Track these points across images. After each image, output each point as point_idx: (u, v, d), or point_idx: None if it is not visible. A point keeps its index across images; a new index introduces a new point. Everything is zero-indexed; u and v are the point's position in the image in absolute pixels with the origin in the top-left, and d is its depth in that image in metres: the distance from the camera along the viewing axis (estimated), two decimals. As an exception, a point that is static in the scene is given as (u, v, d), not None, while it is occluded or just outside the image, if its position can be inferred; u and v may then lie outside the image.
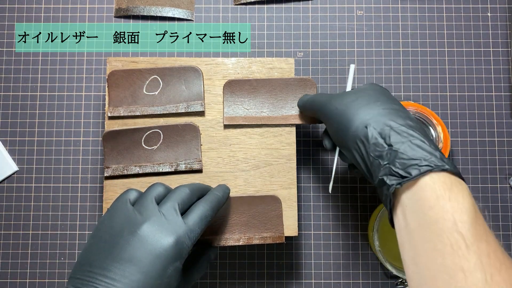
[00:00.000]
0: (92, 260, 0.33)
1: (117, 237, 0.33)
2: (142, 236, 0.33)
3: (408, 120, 0.33)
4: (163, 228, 0.34)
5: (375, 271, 0.50)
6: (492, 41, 0.53)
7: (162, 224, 0.34)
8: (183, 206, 0.36)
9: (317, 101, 0.40)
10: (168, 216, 0.34)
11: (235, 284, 0.50)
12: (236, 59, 0.46)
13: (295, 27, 0.53)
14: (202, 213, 0.36)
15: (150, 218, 0.34)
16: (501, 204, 0.51)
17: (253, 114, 0.45)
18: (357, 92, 0.37)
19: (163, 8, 0.53)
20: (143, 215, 0.34)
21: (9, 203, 0.51)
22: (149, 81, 0.46)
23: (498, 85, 0.53)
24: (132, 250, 0.32)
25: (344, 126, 0.35)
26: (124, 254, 0.32)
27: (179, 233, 0.34)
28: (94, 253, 0.33)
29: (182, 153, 0.45)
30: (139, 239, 0.33)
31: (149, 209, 0.35)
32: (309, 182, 0.51)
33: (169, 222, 0.34)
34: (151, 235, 0.33)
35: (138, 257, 0.32)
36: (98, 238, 0.34)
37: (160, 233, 0.33)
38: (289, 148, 0.45)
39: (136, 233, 0.33)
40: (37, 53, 0.53)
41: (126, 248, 0.33)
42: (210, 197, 0.38)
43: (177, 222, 0.34)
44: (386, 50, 0.53)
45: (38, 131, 0.52)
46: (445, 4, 0.54)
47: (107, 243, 0.33)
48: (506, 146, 0.52)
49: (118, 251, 0.32)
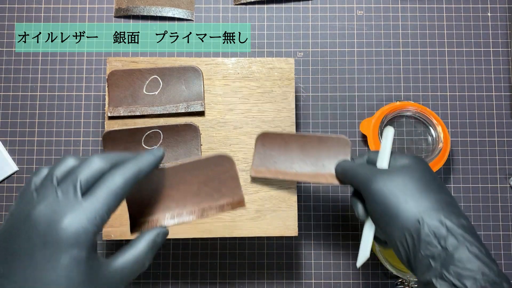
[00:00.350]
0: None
1: (11, 227, 0.29)
2: (34, 221, 0.28)
3: (462, 219, 0.32)
4: (57, 209, 0.28)
5: (375, 271, 0.50)
6: (492, 41, 0.53)
7: (57, 205, 0.28)
8: (88, 182, 0.29)
9: (359, 175, 0.37)
10: (65, 195, 0.29)
11: (235, 284, 0.50)
12: (236, 59, 0.46)
13: (295, 27, 0.53)
14: (110, 187, 0.29)
15: (45, 200, 0.28)
16: (501, 204, 0.51)
17: (281, 168, 0.43)
18: (405, 173, 0.35)
19: (163, 8, 0.53)
20: (39, 197, 0.29)
21: (9, 203, 0.51)
22: (149, 81, 0.46)
23: (498, 85, 0.53)
24: (22, 240, 0.28)
25: (391, 213, 0.33)
26: (13, 246, 0.28)
27: (75, 214, 0.28)
28: None
29: (182, 153, 0.45)
30: (30, 226, 0.28)
31: (47, 188, 0.29)
32: (309, 182, 0.51)
33: (65, 201, 0.28)
34: (43, 220, 0.28)
35: (28, 248, 0.27)
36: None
37: (53, 215, 0.28)
38: (289, 148, 0.45)
39: (28, 219, 0.28)
40: (37, 53, 0.53)
41: (15, 239, 0.28)
42: (125, 165, 0.31)
43: (74, 200, 0.28)
44: (386, 50, 0.53)
45: (38, 131, 0.52)
46: (445, 4, 0.54)
47: (3, 233, 0.29)
48: (506, 146, 0.52)
49: (8, 242, 0.28)
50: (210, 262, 0.50)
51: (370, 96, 0.52)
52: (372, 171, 0.36)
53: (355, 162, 0.40)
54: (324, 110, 0.52)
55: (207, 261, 0.50)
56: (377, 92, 0.52)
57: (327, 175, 0.41)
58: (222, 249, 0.50)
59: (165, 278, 0.50)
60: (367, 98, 0.52)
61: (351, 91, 0.52)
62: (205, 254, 0.50)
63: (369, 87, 0.52)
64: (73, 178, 0.29)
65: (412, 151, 0.51)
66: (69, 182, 0.29)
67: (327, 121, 0.52)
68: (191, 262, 0.50)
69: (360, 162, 0.40)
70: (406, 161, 0.36)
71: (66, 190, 0.29)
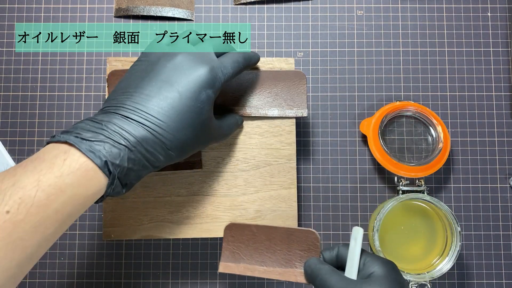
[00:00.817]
0: (128, 84, 0.35)
1: (153, 65, 0.35)
2: (178, 63, 0.35)
3: None
4: (197, 58, 0.36)
5: (375, 271, 0.50)
6: (492, 41, 0.53)
7: (197, 56, 0.36)
8: (217, 49, 0.38)
9: (328, 285, 0.37)
10: (203, 51, 0.37)
11: (235, 284, 0.50)
12: (236, 59, 0.46)
13: (295, 27, 0.53)
14: (234, 57, 0.39)
15: (186, 51, 0.36)
16: (501, 204, 0.51)
17: (251, 263, 0.42)
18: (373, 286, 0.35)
19: (163, 8, 0.53)
20: (178, 49, 0.37)
21: (9, 203, 0.51)
22: (149, 81, 0.46)
23: (498, 85, 0.53)
24: (169, 73, 0.35)
25: None
26: (160, 76, 0.34)
27: (213, 64, 0.36)
28: (130, 79, 0.35)
29: (182, 153, 0.45)
30: (175, 65, 0.35)
31: (183, 45, 0.37)
32: (309, 182, 0.51)
33: (204, 55, 0.36)
34: (186, 62, 0.35)
35: (174, 79, 0.34)
36: (133, 70, 0.36)
37: (195, 62, 0.35)
38: (289, 148, 0.45)
39: (172, 60, 0.35)
40: (37, 53, 0.53)
41: (162, 71, 0.35)
42: (244, 52, 0.41)
43: (211, 56, 0.37)
44: (386, 50, 0.53)
45: (38, 131, 0.52)
46: (445, 4, 0.54)
47: (143, 71, 0.35)
48: (506, 146, 0.52)
49: (154, 74, 0.35)
50: (210, 262, 0.50)
51: (370, 96, 0.52)
52: (339, 283, 0.36)
53: (324, 262, 0.40)
54: (324, 110, 0.52)
55: (207, 261, 0.50)
56: (377, 92, 0.52)
57: (297, 273, 0.41)
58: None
59: (165, 278, 0.50)
60: (367, 98, 0.52)
61: (351, 91, 0.52)
62: (205, 254, 0.50)
63: (369, 87, 0.52)
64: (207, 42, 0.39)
65: (412, 151, 0.51)
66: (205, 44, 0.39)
67: (327, 121, 0.52)
68: (191, 262, 0.50)
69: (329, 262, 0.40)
70: (376, 270, 0.36)
71: (203, 48, 0.37)
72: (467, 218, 0.51)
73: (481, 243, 0.50)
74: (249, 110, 0.45)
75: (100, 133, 0.31)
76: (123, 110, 0.33)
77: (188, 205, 0.44)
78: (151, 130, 0.33)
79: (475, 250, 0.50)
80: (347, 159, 0.51)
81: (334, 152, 0.52)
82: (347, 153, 0.51)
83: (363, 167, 0.51)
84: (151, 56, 0.37)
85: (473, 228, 0.50)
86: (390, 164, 0.48)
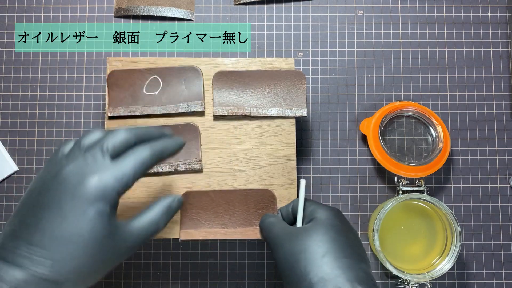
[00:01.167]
0: (17, 209, 0.31)
1: (41, 185, 0.31)
2: (63, 178, 0.30)
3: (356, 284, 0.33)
4: (85, 169, 0.31)
5: (375, 271, 0.50)
6: (492, 41, 0.53)
7: (86, 165, 0.31)
8: (115, 149, 0.32)
9: (271, 237, 0.38)
10: (94, 158, 0.31)
11: (235, 284, 0.50)
12: (236, 59, 0.46)
13: (295, 27, 0.53)
14: (137, 156, 0.32)
15: (74, 161, 0.31)
16: (501, 204, 0.51)
17: (211, 227, 0.43)
18: (308, 236, 0.35)
19: (163, 8, 0.53)
20: (67, 160, 0.31)
21: (9, 203, 0.51)
22: (149, 81, 0.46)
23: (498, 85, 0.53)
24: (52, 194, 0.30)
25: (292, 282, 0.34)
26: (43, 200, 0.30)
27: (103, 172, 0.31)
28: (21, 202, 0.32)
29: (182, 153, 0.45)
30: (59, 181, 0.30)
31: (75, 153, 0.32)
32: (309, 182, 0.51)
33: (94, 163, 0.31)
34: (72, 176, 0.30)
35: (57, 200, 0.30)
36: (26, 192, 0.32)
37: (82, 173, 0.30)
38: (289, 148, 0.45)
39: (57, 177, 0.31)
40: (37, 53, 0.53)
41: (45, 193, 0.30)
42: (154, 143, 0.34)
43: (102, 162, 0.31)
44: (386, 50, 0.53)
45: (38, 131, 0.52)
46: (445, 4, 0.54)
47: (32, 192, 0.31)
48: (506, 146, 0.52)
49: (38, 198, 0.31)
50: (210, 262, 0.50)
51: (370, 96, 0.52)
52: (284, 232, 0.37)
53: (272, 215, 0.41)
54: (324, 110, 0.52)
55: (207, 261, 0.50)
56: (377, 92, 0.52)
57: (257, 231, 0.43)
58: (222, 249, 0.50)
59: (165, 278, 0.50)
60: (367, 98, 0.52)
61: (351, 91, 0.52)
62: (205, 254, 0.50)
63: (369, 87, 0.52)
64: (100, 144, 0.32)
65: (412, 151, 0.51)
66: (97, 148, 0.32)
67: (327, 121, 0.52)
68: (191, 262, 0.50)
69: (286, 217, 0.41)
70: (317, 216, 0.37)
71: (94, 154, 0.31)
72: (467, 218, 0.51)
73: (481, 243, 0.50)
74: (248, 110, 0.45)
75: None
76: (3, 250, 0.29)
77: (188, 205, 0.44)
78: (32, 270, 0.28)
79: (475, 250, 0.50)
80: (347, 159, 0.51)
81: (334, 152, 0.52)
82: (347, 153, 0.51)
83: (363, 167, 0.51)
84: (43, 172, 0.32)
85: (473, 228, 0.50)
86: (390, 164, 0.48)
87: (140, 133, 0.34)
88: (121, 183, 0.31)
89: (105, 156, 0.31)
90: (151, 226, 0.33)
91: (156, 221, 0.33)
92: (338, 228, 0.36)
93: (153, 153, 0.33)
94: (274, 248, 0.37)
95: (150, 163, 0.33)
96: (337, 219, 0.37)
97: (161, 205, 0.34)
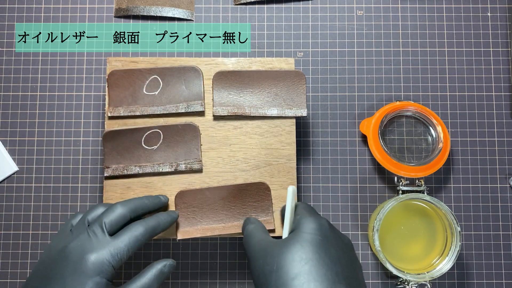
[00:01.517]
0: (29, 278, 0.36)
1: (49, 257, 0.36)
2: (67, 253, 0.35)
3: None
4: (86, 245, 0.35)
5: (375, 271, 0.50)
6: (492, 41, 0.53)
7: (86, 241, 0.36)
8: (112, 224, 0.37)
9: (248, 249, 0.37)
10: (95, 234, 0.36)
11: (235, 284, 0.50)
12: (236, 59, 0.46)
13: (295, 27, 0.53)
14: (132, 234, 0.37)
15: (78, 237, 0.36)
16: (501, 204, 0.51)
17: (208, 224, 0.44)
18: (281, 254, 0.33)
19: (163, 8, 0.53)
20: (73, 235, 0.37)
21: (9, 203, 0.51)
22: (149, 81, 0.46)
23: (498, 85, 0.53)
24: (58, 268, 0.35)
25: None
26: (50, 273, 0.35)
27: (100, 249, 0.35)
28: (32, 275, 0.36)
29: (182, 153, 0.45)
30: (64, 257, 0.35)
31: (79, 229, 0.37)
32: (309, 182, 0.51)
33: (94, 239, 0.36)
34: (74, 252, 0.35)
35: (61, 274, 0.34)
36: (38, 261, 0.37)
37: (82, 249, 0.35)
38: (289, 148, 0.45)
39: (63, 252, 0.35)
40: (37, 53, 0.53)
41: (53, 266, 0.35)
42: (148, 220, 0.39)
43: (100, 239, 0.36)
44: (386, 50, 0.53)
45: (38, 131, 0.52)
46: (445, 4, 0.54)
47: (41, 264, 0.36)
48: (506, 146, 0.52)
49: (46, 271, 0.35)
50: (210, 262, 0.50)
51: (370, 96, 0.52)
52: (265, 244, 0.35)
53: (254, 221, 0.40)
54: (324, 110, 0.52)
55: (207, 261, 0.50)
56: (377, 92, 0.52)
57: None
58: (222, 249, 0.50)
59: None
60: (367, 98, 0.52)
61: (351, 91, 0.52)
62: (205, 254, 0.50)
63: (369, 87, 0.52)
64: (99, 221, 0.37)
65: (412, 151, 0.51)
66: (97, 224, 0.37)
67: (327, 121, 0.52)
68: (191, 262, 0.50)
69: (258, 232, 0.38)
70: (302, 228, 0.34)
71: (95, 230, 0.36)
72: (467, 218, 0.51)
73: (481, 243, 0.50)
74: (248, 110, 0.45)
75: None
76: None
77: (188, 205, 0.44)
78: None
79: (475, 250, 0.50)
80: (347, 159, 0.51)
81: (334, 152, 0.52)
82: (347, 153, 0.51)
83: (363, 167, 0.51)
84: (53, 244, 0.37)
85: (473, 228, 0.50)
86: (390, 164, 0.48)
87: (134, 207, 0.39)
88: (116, 259, 0.35)
89: (104, 232, 0.36)
90: (153, 281, 0.37)
91: (147, 285, 0.37)
92: (318, 243, 0.33)
93: (146, 230, 0.37)
94: (249, 262, 0.36)
95: (143, 240, 0.37)
96: (319, 233, 0.34)
97: (153, 270, 0.38)
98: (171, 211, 0.42)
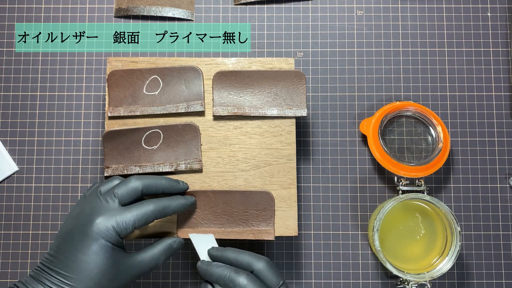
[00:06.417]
0: (55, 239, 0.38)
1: (66, 221, 0.39)
2: (78, 215, 0.38)
3: None
4: (94, 209, 0.38)
5: (375, 271, 0.50)
6: (492, 41, 0.53)
7: (95, 206, 0.38)
8: (123, 194, 0.39)
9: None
10: (106, 200, 0.38)
11: (235, 284, 0.50)
12: (236, 59, 0.46)
13: (295, 27, 0.53)
14: (141, 207, 0.38)
15: (90, 203, 0.38)
16: (501, 204, 0.51)
17: (208, 226, 0.44)
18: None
19: (163, 8, 0.53)
20: (86, 201, 0.39)
21: (9, 203, 0.51)
22: (149, 81, 0.46)
23: (498, 85, 0.53)
24: (69, 228, 0.37)
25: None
26: (67, 236, 0.37)
27: (107, 214, 0.37)
28: (58, 234, 0.39)
29: (182, 153, 0.45)
30: (75, 218, 0.38)
31: (92, 195, 0.39)
32: (309, 182, 0.51)
33: (105, 205, 0.38)
34: (84, 216, 0.37)
35: (71, 233, 0.37)
36: (62, 225, 0.39)
37: (91, 213, 0.37)
38: (289, 148, 0.45)
39: (75, 216, 0.38)
40: (37, 53, 0.53)
41: (65, 227, 0.38)
42: (161, 199, 0.40)
43: (111, 205, 0.38)
44: (386, 50, 0.53)
45: (38, 131, 0.52)
46: (445, 4, 0.54)
47: (63, 227, 0.39)
48: (506, 146, 0.52)
49: (65, 234, 0.37)
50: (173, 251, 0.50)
51: (370, 96, 0.52)
52: None
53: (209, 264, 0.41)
54: (324, 110, 0.52)
55: (207, 261, 0.50)
56: (377, 92, 0.52)
57: (255, 231, 0.44)
58: (222, 249, 0.50)
59: (165, 278, 0.50)
60: (367, 98, 0.52)
61: (351, 91, 0.52)
62: (205, 254, 0.50)
63: (369, 87, 0.52)
64: (112, 190, 0.39)
65: (412, 151, 0.51)
66: (110, 193, 0.39)
67: (327, 121, 0.52)
68: (191, 262, 0.50)
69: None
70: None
71: (106, 197, 0.38)
72: (467, 218, 0.51)
73: (481, 243, 0.50)
74: (248, 110, 0.45)
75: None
76: (44, 278, 0.36)
77: (188, 205, 0.44)
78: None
79: (475, 250, 0.50)
80: (347, 159, 0.51)
81: (334, 152, 0.52)
82: (347, 153, 0.51)
83: (363, 167, 0.51)
84: (70, 213, 0.39)
85: (473, 228, 0.50)
86: (390, 164, 0.48)
87: (148, 183, 0.40)
88: (120, 227, 0.37)
89: (114, 201, 0.38)
90: (152, 260, 0.39)
91: (156, 256, 0.39)
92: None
93: (155, 208, 0.39)
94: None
95: (151, 216, 0.39)
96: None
97: (163, 244, 0.40)
98: (188, 196, 0.43)
